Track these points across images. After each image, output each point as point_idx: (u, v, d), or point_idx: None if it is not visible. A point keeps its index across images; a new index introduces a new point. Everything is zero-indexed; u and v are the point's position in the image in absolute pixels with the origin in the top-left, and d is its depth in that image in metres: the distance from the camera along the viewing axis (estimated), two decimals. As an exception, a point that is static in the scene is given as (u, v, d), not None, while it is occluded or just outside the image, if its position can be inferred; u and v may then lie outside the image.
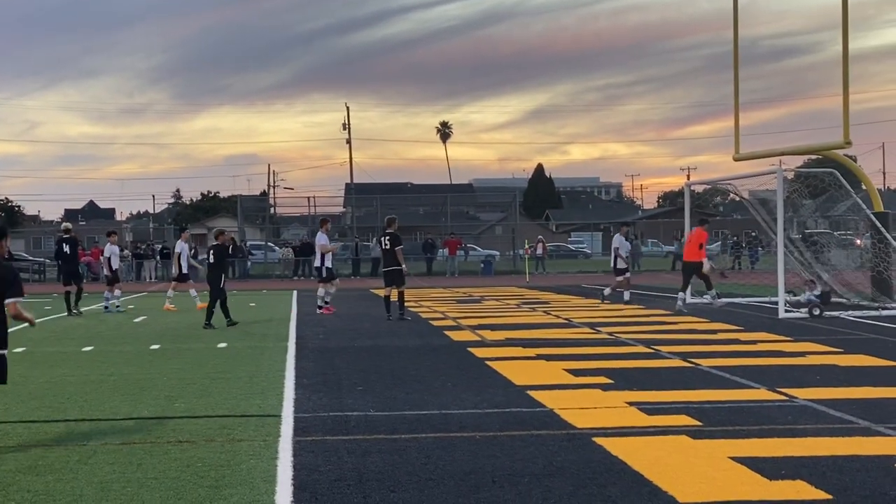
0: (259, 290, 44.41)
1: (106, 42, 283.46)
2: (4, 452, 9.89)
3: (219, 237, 25.65)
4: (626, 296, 31.01)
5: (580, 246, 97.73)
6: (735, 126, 30.21)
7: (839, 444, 9.85)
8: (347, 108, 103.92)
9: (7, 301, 10.15)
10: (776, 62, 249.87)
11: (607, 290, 32.05)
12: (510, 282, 50.26)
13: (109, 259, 31.50)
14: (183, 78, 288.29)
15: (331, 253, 28.90)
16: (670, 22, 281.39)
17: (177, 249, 32.81)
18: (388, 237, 25.29)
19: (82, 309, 29.95)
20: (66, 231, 31.66)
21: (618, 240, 31.29)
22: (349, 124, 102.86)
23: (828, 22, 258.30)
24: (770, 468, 8.79)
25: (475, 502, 7.87)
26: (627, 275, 31.56)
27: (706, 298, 29.04)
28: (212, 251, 25.09)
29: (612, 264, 32.23)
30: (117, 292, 31.18)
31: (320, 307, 28.41)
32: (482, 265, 62.88)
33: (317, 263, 28.79)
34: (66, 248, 30.58)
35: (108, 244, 32.13)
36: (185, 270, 31.84)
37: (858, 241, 37.11)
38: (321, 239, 28.46)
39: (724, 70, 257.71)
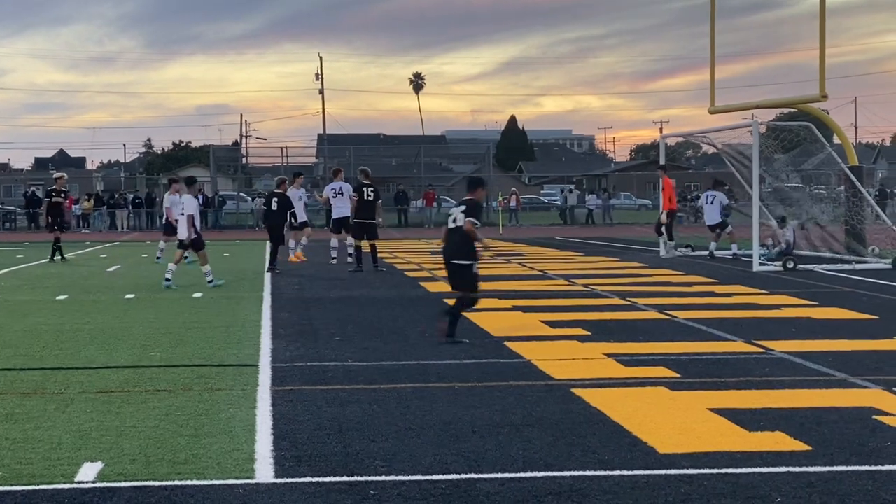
0: (232, 241, 44.23)
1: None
2: (-19, 401, 9.83)
3: (281, 185, 25.79)
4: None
5: (553, 198, 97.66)
6: (711, 79, 30.17)
7: (817, 396, 9.90)
8: (321, 58, 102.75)
9: None
10: (750, 15, 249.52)
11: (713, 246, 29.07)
12: (483, 234, 50.15)
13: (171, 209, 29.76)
14: (154, 26, 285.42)
15: (303, 204, 28.59)
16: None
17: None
18: (371, 188, 24.65)
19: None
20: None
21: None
22: (322, 75, 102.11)
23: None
24: (749, 420, 8.82)
25: (456, 452, 7.87)
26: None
27: (683, 251, 29.13)
28: (274, 199, 25.06)
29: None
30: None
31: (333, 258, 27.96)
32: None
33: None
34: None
35: (168, 194, 30.38)
36: (302, 219, 29.02)
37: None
38: (329, 191, 27.86)
39: (696, 24, 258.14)
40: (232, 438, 8.29)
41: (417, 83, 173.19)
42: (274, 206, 24.92)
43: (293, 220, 27.70)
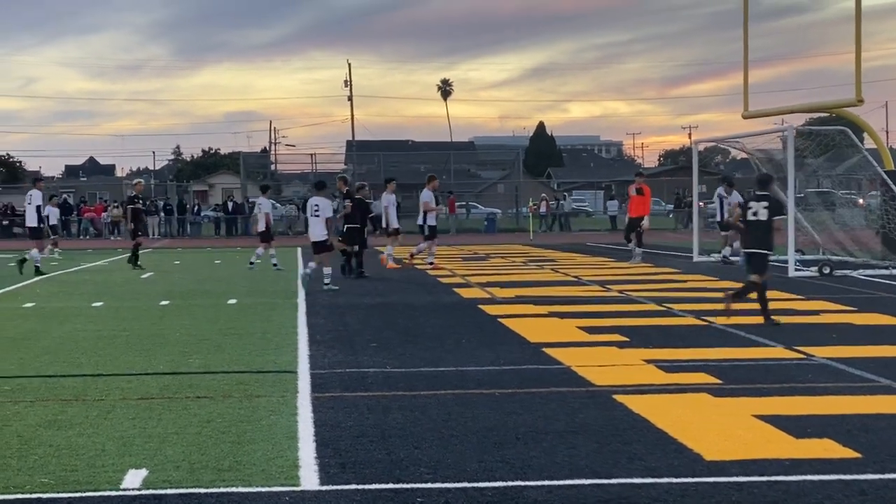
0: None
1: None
2: (23, 407, 9.83)
3: (360, 191, 26.33)
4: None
5: (581, 204, 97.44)
6: (744, 84, 30.03)
7: (862, 403, 9.80)
8: (349, 64, 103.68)
9: None
10: (779, 20, 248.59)
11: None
12: (514, 239, 50.17)
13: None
14: (182, 34, 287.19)
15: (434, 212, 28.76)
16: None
17: (383, 203, 28.96)
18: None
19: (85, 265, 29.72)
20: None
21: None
22: (350, 81, 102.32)
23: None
24: (795, 426, 8.73)
25: (500, 459, 7.81)
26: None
27: (713, 257, 29.04)
28: (352, 204, 25.43)
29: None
30: (272, 251, 29.17)
31: (431, 263, 28.11)
32: (485, 223, 62.71)
33: (419, 221, 28.38)
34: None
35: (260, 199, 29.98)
36: (394, 224, 28.61)
37: (861, 201, 37.02)
38: (426, 196, 28.19)
39: (724, 28, 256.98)
40: (275, 445, 8.26)
41: (445, 89, 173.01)
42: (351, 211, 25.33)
43: (383, 226, 28.34)
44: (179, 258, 34.01)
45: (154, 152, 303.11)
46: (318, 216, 22.26)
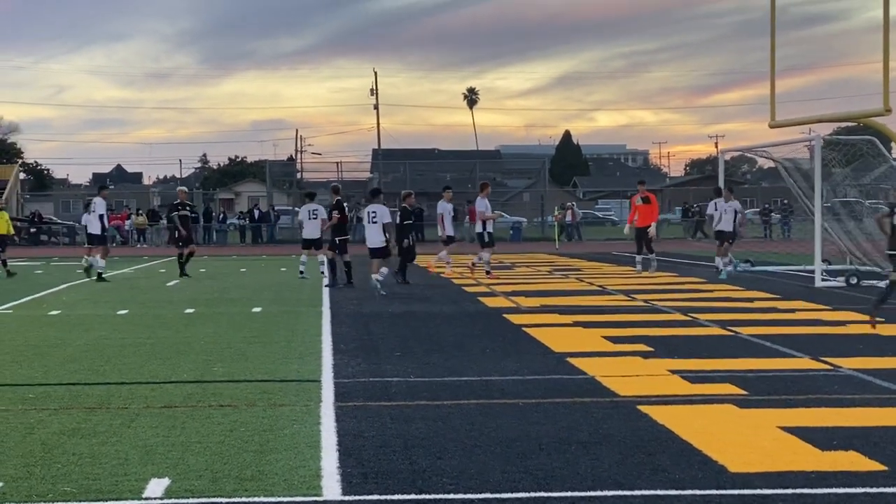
0: (288, 255, 44.29)
1: (132, 5, 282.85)
2: (47, 415, 9.86)
3: (406, 199, 26.70)
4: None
5: (608, 213, 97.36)
6: (771, 93, 29.83)
7: (889, 415, 9.72)
8: (375, 73, 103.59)
9: None
10: (806, 29, 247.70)
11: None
12: (539, 248, 50.09)
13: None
14: (209, 42, 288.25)
15: (451, 217, 28.90)
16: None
17: (438, 211, 28.82)
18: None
19: (106, 274, 29.82)
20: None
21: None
22: (377, 89, 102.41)
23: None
24: (821, 438, 8.65)
25: (523, 469, 7.78)
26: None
27: (740, 267, 28.89)
28: (399, 213, 26.08)
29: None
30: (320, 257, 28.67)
31: (488, 272, 28.02)
32: (511, 231, 62.66)
33: (478, 230, 28.20)
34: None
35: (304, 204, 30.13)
36: (449, 233, 28.76)
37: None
38: (481, 205, 28.16)
39: (749, 38, 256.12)
40: (298, 454, 8.24)
41: (471, 98, 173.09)
42: (397, 220, 25.91)
43: (439, 234, 28.77)
44: (205, 266, 34.05)
45: (181, 160, 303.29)
46: (375, 223, 23.23)
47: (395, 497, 7.09)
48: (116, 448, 8.48)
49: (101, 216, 28.00)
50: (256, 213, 63.09)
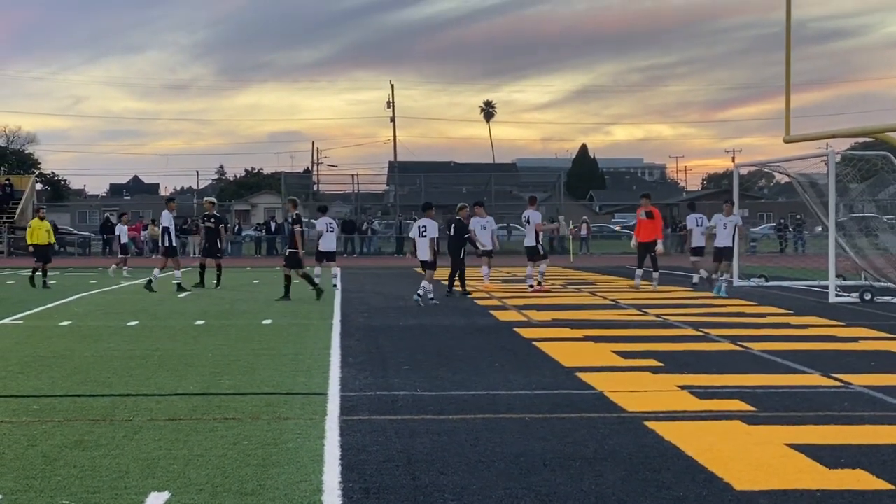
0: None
1: (149, 17, 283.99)
2: (51, 427, 9.82)
3: (460, 212, 27.54)
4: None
5: (626, 226, 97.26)
6: (786, 107, 29.76)
7: (898, 433, 9.62)
8: (392, 85, 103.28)
9: None
10: (822, 44, 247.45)
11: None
12: (553, 261, 49.92)
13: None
14: (226, 54, 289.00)
15: (488, 231, 28.90)
16: (715, 2, 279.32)
17: (471, 226, 28.03)
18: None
19: (125, 283, 29.85)
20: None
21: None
22: (393, 102, 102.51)
23: (875, 4, 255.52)
24: (828, 456, 8.56)
25: (526, 486, 7.71)
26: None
27: (753, 282, 28.77)
28: (453, 224, 27.15)
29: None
30: (317, 269, 29.62)
31: (531, 286, 28.11)
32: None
33: (531, 242, 28.16)
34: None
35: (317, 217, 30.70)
36: (487, 246, 28.96)
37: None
38: (536, 217, 28.19)
39: (768, 52, 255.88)
40: (300, 469, 8.19)
41: (488, 111, 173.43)
42: (451, 232, 27.02)
43: (477, 247, 28.85)
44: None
45: (198, 172, 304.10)
46: (425, 237, 24.15)
47: (395, 513, 7.03)
48: (118, 461, 8.44)
49: (164, 229, 28.35)
50: (272, 224, 63.15)
